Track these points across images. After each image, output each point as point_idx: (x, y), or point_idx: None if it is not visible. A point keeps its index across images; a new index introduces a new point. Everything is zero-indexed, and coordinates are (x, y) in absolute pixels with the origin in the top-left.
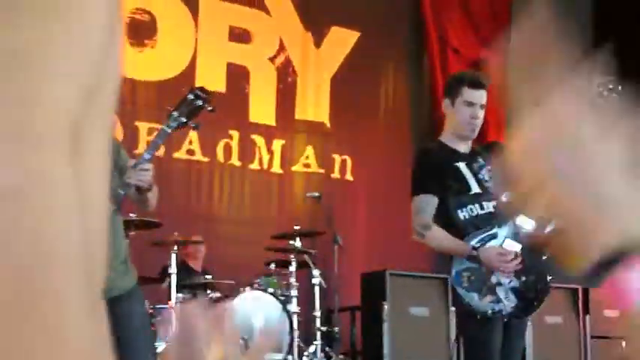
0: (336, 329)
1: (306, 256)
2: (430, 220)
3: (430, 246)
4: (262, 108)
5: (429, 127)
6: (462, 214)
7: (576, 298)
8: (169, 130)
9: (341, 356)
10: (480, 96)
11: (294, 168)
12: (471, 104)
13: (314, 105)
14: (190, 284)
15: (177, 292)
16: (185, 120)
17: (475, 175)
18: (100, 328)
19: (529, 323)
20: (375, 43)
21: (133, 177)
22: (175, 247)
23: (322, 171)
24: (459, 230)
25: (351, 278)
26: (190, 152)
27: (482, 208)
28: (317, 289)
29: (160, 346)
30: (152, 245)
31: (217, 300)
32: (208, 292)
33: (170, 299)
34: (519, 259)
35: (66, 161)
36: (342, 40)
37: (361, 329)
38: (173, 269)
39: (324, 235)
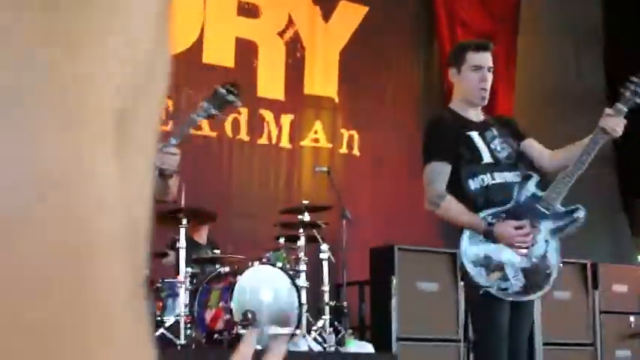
0: (345, 304)
1: (314, 231)
2: (444, 189)
3: (443, 217)
4: (271, 83)
5: (438, 103)
6: (474, 184)
7: (585, 272)
8: (198, 120)
9: (350, 331)
10: (486, 58)
11: (302, 143)
12: (477, 68)
13: (322, 80)
14: (199, 258)
15: (185, 266)
16: (215, 112)
17: (488, 145)
18: (143, 319)
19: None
20: (384, 17)
21: (157, 160)
22: (185, 222)
23: (330, 146)
24: (469, 200)
25: (360, 253)
26: (198, 127)
27: (493, 178)
28: (325, 263)
29: (169, 320)
30: (161, 219)
31: (226, 274)
32: (217, 266)
33: (178, 273)
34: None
35: (112, 150)
36: (351, 14)
37: (370, 304)
38: (182, 243)
39: (333, 209)
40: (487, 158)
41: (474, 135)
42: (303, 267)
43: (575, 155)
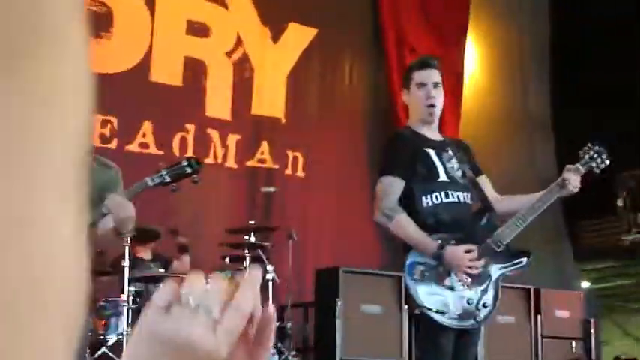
0: (289, 325)
1: (259, 251)
2: (396, 203)
3: (393, 232)
4: (218, 102)
5: (385, 126)
6: (426, 201)
7: (528, 298)
8: (151, 184)
9: (293, 352)
10: (429, 75)
11: (248, 163)
12: (422, 85)
13: (270, 100)
14: (142, 277)
15: (129, 285)
16: (168, 181)
17: (444, 164)
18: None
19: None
20: (333, 40)
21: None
22: (128, 240)
23: (277, 167)
24: (420, 217)
25: (304, 274)
26: (144, 145)
27: (447, 196)
28: (270, 284)
29: (112, 339)
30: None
31: None
32: (161, 285)
33: (122, 292)
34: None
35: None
36: (300, 36)
37: (314, 325)
38: (126, 262)
39: (278, 230)
40: (443, 176)
41: (432, 152)
42: None
43: (523, 205)
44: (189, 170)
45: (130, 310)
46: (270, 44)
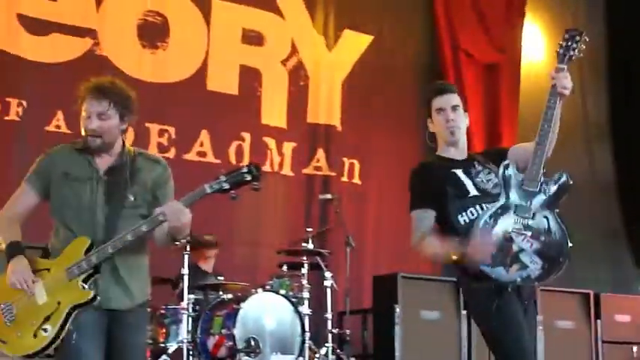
0: (348, 332)
1: (318, 258)
2: (421, 234)
3: (429, 257)
4: (274, 110)
5: None
6: (462, 219)
7: (588, 302)
8: (209, 191)
9: (352, 358)
10: (447, 100)
11: (304, 170)
12: (441, 110)
13: (325, 108)
14: (202, 285)
15: (189, 293)
16: (227, 187)
17: (472, 179)
18: None
19: (540, 327)
20: (388, 46)
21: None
22: (187, 249)
23: (333, 174)
24: (459, 234)
25: (362, 281)
26: (201, 154)
27: (482, 209)
28: (329, 291)
29: (172, 347)
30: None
31: (229, 301)
32: (220, 293)
33: (182, 300)
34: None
35: None
36: (355, 43)
37: (373, 332)
38: (185, 270)
39: (336, 237)
40: (473, 191)
41: (459, 172)
42: (306, 294)
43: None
44: (248, 177)
45: (190, 318)
46: (325, 52)
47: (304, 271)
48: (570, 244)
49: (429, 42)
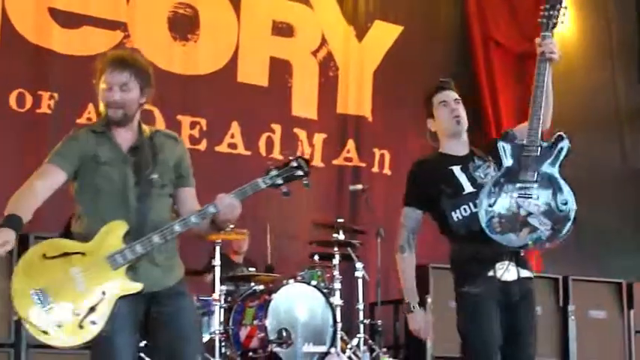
0: (379, 322)
1: (349, 249)
2: (405, 240)
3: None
4: (304, 102)
5: (469, 123)
6: (455, 216)
7: (620, 292)
8: (263, 186)
9: (384, 349)
10: (447, 94)
11: (335, 161)
12: (443, 102)
13: (355, 99)
14: (234, 276)
15: (220, 284)
16: (280, 182)
17: (470, 175)
18: None
19: (573, 317)
20: (418, 36)
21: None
22: (219, 241)
23: (363, 165)
24: (452, 232)
25: (393, 272)
26: (232, 146)
27: (475, 206)
28: (360, 282)
29: (204, 338)
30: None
31: (261, 292)
32: (252, 284)
33: (214, 291)
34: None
35: None
36: (385, 34)
37: (405, 323)
38: (217, 261)
39: (366, 228)
40: (468, 188)
41: (455, 169)
42: (337, 285)
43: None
44: (300, 172)
45: (222, 310)
46: (355, 42)
47: (335, 262)
48: (575, 206)
49: (459, 31)
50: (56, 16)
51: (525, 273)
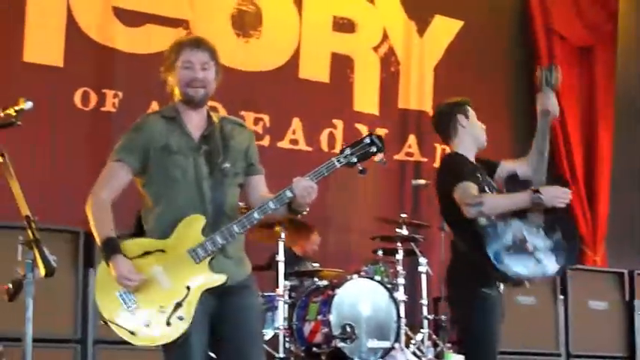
0: (443, 318)
1: (412, 244)
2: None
3: (491, 211)
4: (366, 97)
5: (530, 117)
6: (482, 220)
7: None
8: (338, 165)
9: (448, 344)
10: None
11: (396, 157)
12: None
13: (417, 94)
14: (298, 272)
15: (284, 279)
16: (355, 161)
17: (488, 183)
18: None
19: (638, 312)
20: (479, 31)
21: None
22: (282, 235)
23: (425, 159)
24: (479, 235)
25: None
26: (294, 142)
27: None
28: (424, 277)
29: (268, 333)
30: (261, 228)
31: (325, 287)
32: (315, 279)
33: (277, 286)
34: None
35: None
36: (446, 29)
37: None
38: (280, 257)
39: (430, 222)
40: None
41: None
42: (401, 280)
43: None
44: (374, 149)
45: (286, 305)
46: (416, 37)
47: (399, 257)
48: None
49: (520, 25)
50: (120, 15)
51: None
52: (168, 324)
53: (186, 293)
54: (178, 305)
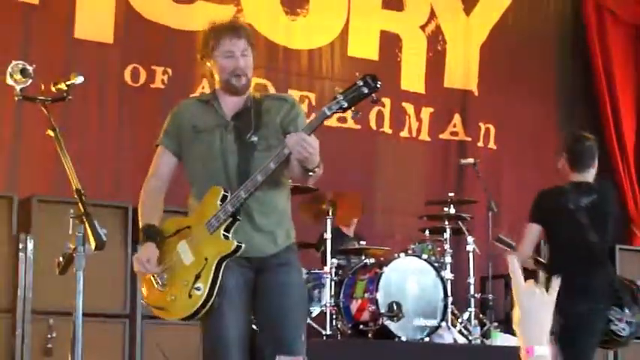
0: (490, 297)
1: (460, 223)
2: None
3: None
4: (413, 76)
5: (578, 97)
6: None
7: None
8: (329, 113)
9: (495, 324)
10: None
11: (441, 136)
12: None
13: (462, 73)
14: (345, 250)
15: (332, 257)
16: (346, 105)
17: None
18: None
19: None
20: (527, 9)
21: (291, 149)
22: (330, 213)
23: (469, 139)
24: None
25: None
26: (342, 120)
27: None
28: (471, 255)
29: (315, 311)
30: (309, 206)
31: (372, 265)
32: (363, 257)
33: (325, 264)
34: None
35: None
36: (493, 7)
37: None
38: (328, 234)
39: (477, 202)
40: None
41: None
42: (448, 259)
43: None
44: (366, 90)
45: (333, 283)
46: (462, 16)
47: (446, 235)
48: None
49: (571, 2)
50: None
51: None
52: (189, 296)
53: (204, 264)
54: (197, 277)
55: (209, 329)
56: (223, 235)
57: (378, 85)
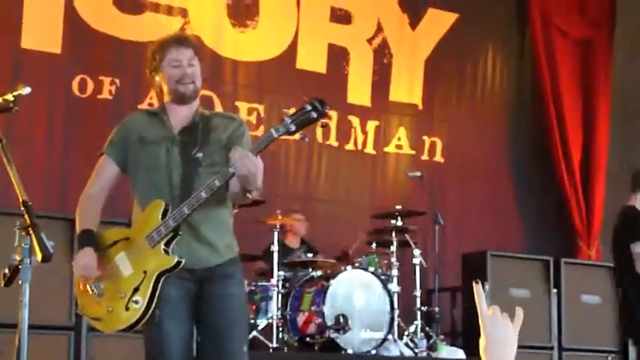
0: (437, 309)
1: (406, 236)
2: None
3: None
4: (359, 89)
5: (526, 112)
6: None
7: None
8: (276, 135)
9: (441, 336)
10: None
11: (386, 149)
12: None
13: (408, 86)
14: (290, 262)
15: (278, 270)
16: (293, 129)
17: None
18: None
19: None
20: (474, 24)
21: (234, 166)
22: (278, 226)
23: (414, 152)
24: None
25: (450, 258)
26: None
27: None
28: (417, 268)
29: (262, 323)
30: (255, 223)
31: (319, 278)
32: (309, 270)
33: (272, 277)
34: None
35: None
36: (439, 22)
37: (463, 310)
38: (275, 247)
39: (423, 215)
40: None
41: None
42: (395, 272)
43: None
44: (314, 114)
45: (280, 295)
46: (408, 30)
47: (393, 248)
48: None
49: (517, 18)
50: (119, 3)
51: None
52: (127, 309)
53: (143, 277)
54: (136, 290)
55: (150, 340)
56: (164, 249)
57: (327, 110)
